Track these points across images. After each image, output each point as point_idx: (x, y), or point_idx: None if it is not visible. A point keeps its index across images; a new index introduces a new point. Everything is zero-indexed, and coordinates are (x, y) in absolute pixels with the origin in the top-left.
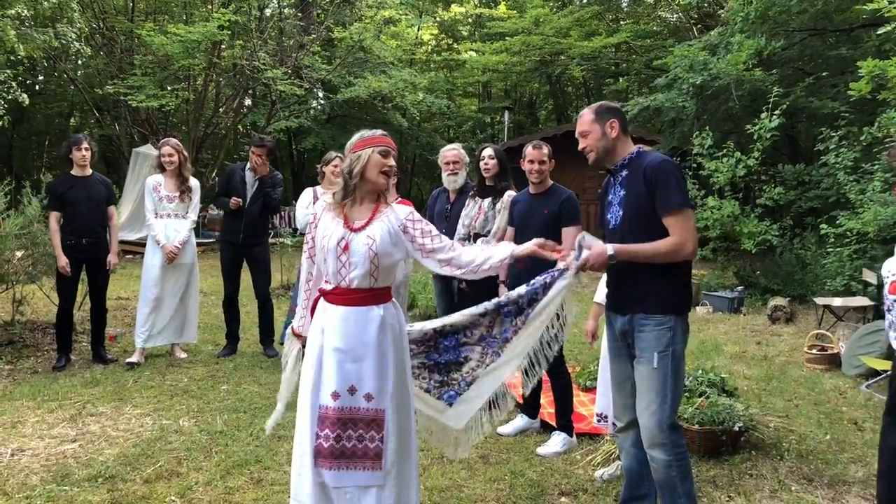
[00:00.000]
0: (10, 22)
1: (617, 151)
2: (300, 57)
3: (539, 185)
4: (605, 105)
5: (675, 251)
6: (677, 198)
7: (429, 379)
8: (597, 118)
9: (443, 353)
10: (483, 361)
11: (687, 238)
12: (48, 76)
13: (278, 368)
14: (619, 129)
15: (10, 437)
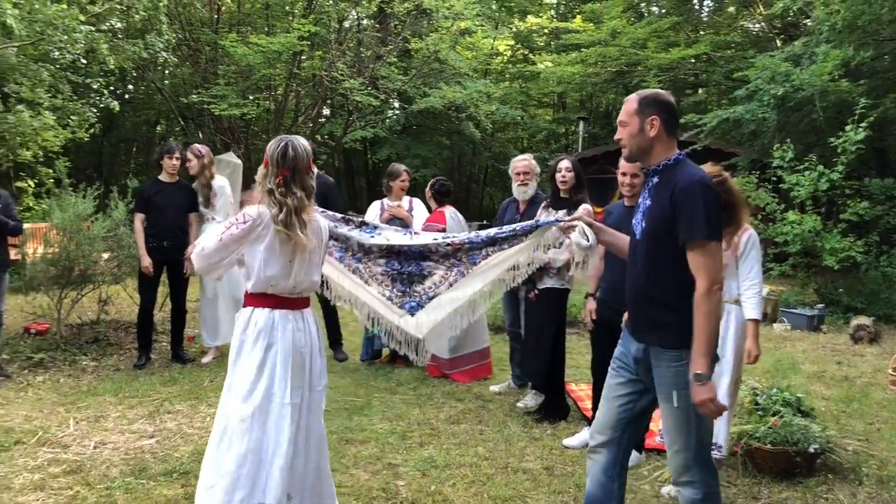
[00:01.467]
0: (102, 36)
1: (654, 152)
2: (377, 68)
3: (633, 197)
4: (653, 96)
5: (706, 296)
6: (702, 229)
7: (391, 287)
8: (639, 110)
9: (404, 264)
10: (446, 278)
11: (714, 278)
12: (137, 86)
13: (348, 372)
14: (660, 127)
15: (93, 430)
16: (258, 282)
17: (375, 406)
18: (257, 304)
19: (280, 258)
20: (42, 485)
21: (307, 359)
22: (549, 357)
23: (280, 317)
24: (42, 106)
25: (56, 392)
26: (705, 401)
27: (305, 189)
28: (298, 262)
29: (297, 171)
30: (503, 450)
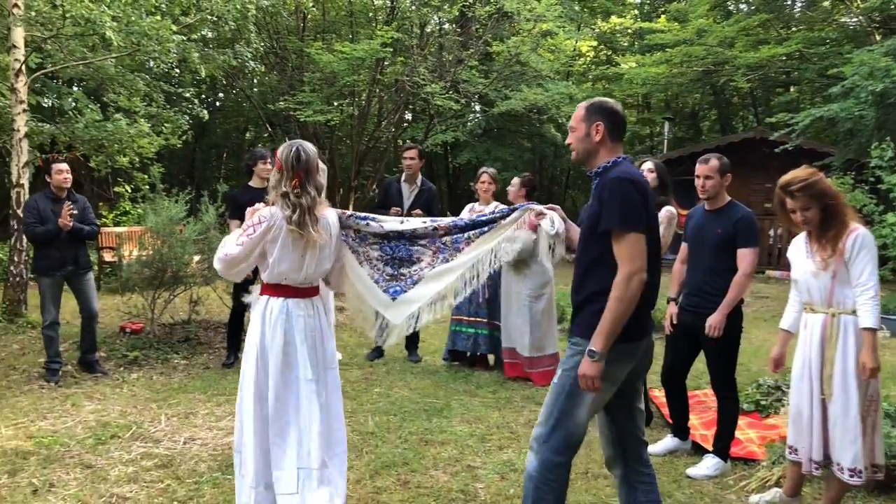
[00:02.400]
0: (194, 45)
1: (599, 156)
2: (458, 71)
3: (712, 201)
4: (599, 104)
5: (623, 282)
6: (615, 219)
7: (381, 271)
8: (586, 116)
9: (396, 248)
10: (432, 264)
11: (631, 267)
12: (227, 94)
13: (428, 374)
14: (604, 132)
15: (183, 426)
16: (272, 275)
17: (455, 408)
18: (273, 293)
19: (293, 254)
20: (135, 477)
21: (317, 341)
22: None
23: (293, 304)
24: (138, 114)
25: (149, 389)
26: (587, 375)
27: (318, 188)
28: (310, 256)
29: (309, 173)
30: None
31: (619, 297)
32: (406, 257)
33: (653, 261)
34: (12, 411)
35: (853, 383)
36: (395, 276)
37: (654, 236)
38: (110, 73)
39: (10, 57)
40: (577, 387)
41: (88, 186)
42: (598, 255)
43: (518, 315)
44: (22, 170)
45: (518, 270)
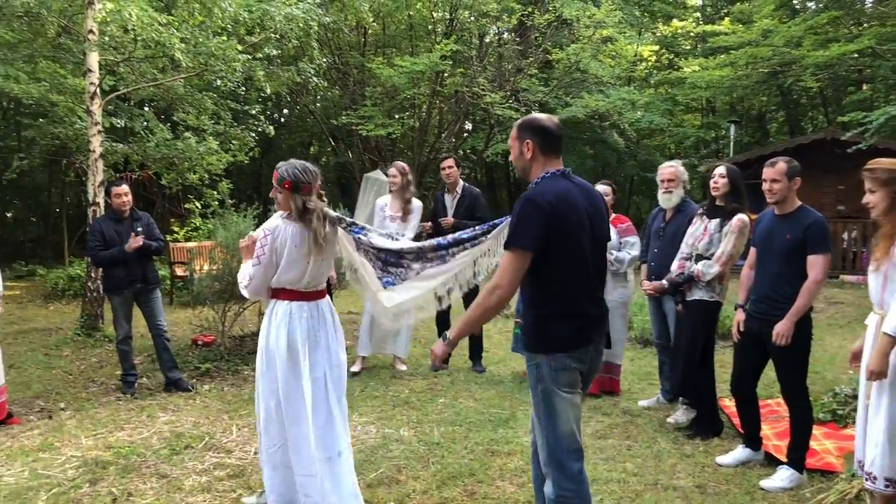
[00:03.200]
0: (259, 64)
1: (533, 171)
2: (518, 80)
3: (781, 205)
4: (528, 122)
5: (488, 293)
6: (508, 236)
7: (374, 262)
8: (518, 135)
9: (385, 256)
10: (420, 270)
11: (496, 281)
12: (290, 109)
13: (492, 384)
14: (535, 149)
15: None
16: (278, 281)
17: (520, 419)
18: (279, 297)
19: (298, 262)
20: (208, 487)
21: (322, 340)
22: (700, 371)
23: (296, 307)
24: (206, 132)
25: (220, 400)
26: (435, 353)
27: (321, 198)
28: (313, 262)
29: (314, 185)
30: (652, 466)
31: (479, 303)
32: (395, 261)
33: (583, 264)
34: (92, 422)
35: (888, 389)
36: (386, 270)
37: (575, 245)
38: (179, 93)
39: (86, 81)
40: (549, 401)
41: (160, 203)
42: (527, 272)
43: (613, 325)
44: (98, 189)
45: (617, 280)
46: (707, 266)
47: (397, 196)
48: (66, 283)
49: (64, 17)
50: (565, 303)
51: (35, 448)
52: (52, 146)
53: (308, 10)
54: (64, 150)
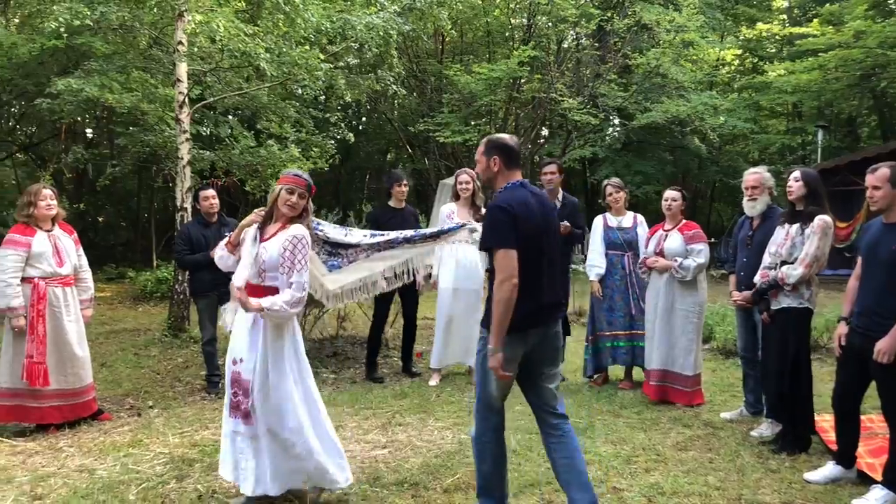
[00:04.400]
0: (340, 72)
1: (498, 181)
2: (596, 86)
3: (887, 213)
4: (495, 141)
5: (497, 286)
6: (488, 240)
7: (322, 248)
8: (485, 151)
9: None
10: (368, 255)
11: (503, 275)
12: (369, 117)
13: (570, 393)
14: (500, 164)
15: None
16: None
17: (598, 428)
18: None
19: None
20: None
21: None
22: (788, 384)
23: None
24: (288, 140)
25: None
26: (492, 367)
27: None
28: None
29: None
30: (736, 480)
31: (498, 299)
32: (343, 245)
33: (539, 259)
34: (178, 420)
35: None
36: (333, 253)
37: (533, 245)
38: (263, 102)
39: (175, 90)
40: (485, 370)
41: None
42: (491, 266)
43: (684, 334)
44: (186, 194)
45: (686, 287)
46: (791, 268)
47: (466, 202)
48: (154, 286)
49: (155, 30)
50: (529, 288)
51: (126, 444)
52: (142, 153)
53: (388, 20)
54: (153, 157)
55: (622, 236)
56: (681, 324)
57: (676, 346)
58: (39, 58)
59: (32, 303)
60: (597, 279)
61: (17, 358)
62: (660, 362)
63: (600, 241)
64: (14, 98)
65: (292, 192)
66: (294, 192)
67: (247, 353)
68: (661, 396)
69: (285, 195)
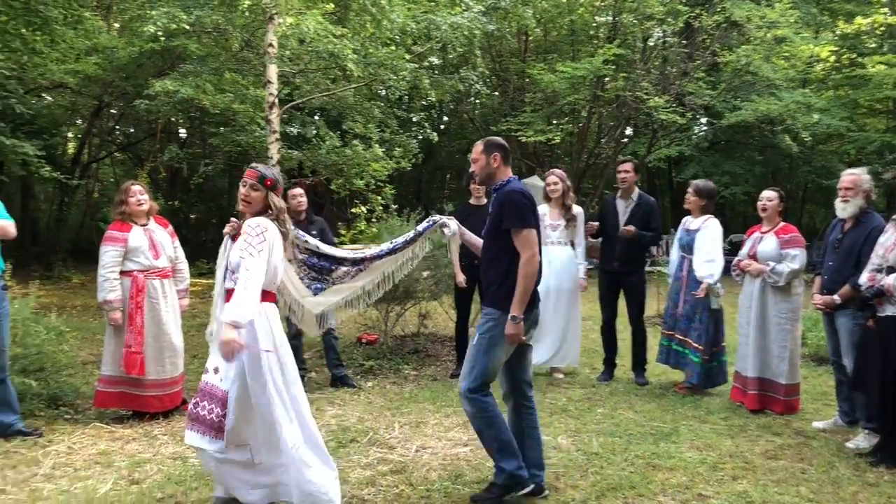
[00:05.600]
0: (424, 72)
1: (497, 177)
2: (683, 84)
3: None
4: (493, 141)
5: (526, 263)
6: (513, 220)
7: (307, 272)
8: (485, 150)
9: (320, 261)
10: (349, 273)
11: (530, 252)
12: (451, 116)
13: (654, 397)
14: (500, 160)
15: (414, 434)
16: (269, 280)
17: (683, 433)
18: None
19: (280, 261)
20: (373, 481)
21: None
22: (891, 394)
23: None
24: (372, 139)
25: (383, 397)
26: (513, 334)
27: None
28: (283, 262)
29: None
30: (830, 493)
31: (525, 273)
32: (327, 268)
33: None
34: None
35: None
36: (317, 278)
37: (537, 231)
38: (349, 103)
39: (265, 91)
40: (492, 345)
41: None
42: (499, 249)
43: (777, 340)
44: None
45: (780, 292)
46: None
47: (556, 204)
48: None
49: (246, 32)
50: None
51: None
52: (233, 153)
53: (472, 19)
54: (244, 157)
55: (686, 238)
56: (774, 330)
57: (770, 352)
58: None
59: (132, 295)
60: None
61: (118, 348)
62: (755, 370)
63: (676, 241)
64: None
65: (244, 183)
66: (245, 183)
67: (223, 363)
68: (760, 405)
69: (239, 187)
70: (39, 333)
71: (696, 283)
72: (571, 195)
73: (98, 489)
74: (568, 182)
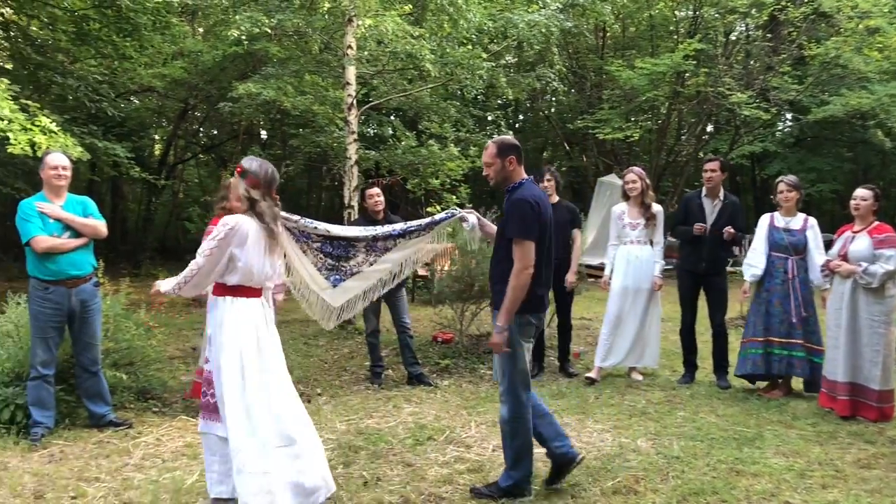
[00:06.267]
0: (501, 71)
1: (512, 178)
2: (768, 78)
3: None
4: (507, 143)
5: (517, 274)
6: (514, 230)
7: (323, 261)
8: (499, 153)
9: (335, 248)
10: (367, 259)
11: (523, 265)
12: (526, 115)
13: (737, 401)
14: (515, 162)
15: (491, 433)
16: (240, 277)
17: (768, 439)
18: (236, 294)
19: (260, 257)
20: (450, 479)
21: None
22: None
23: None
24: (448, 139)
25: (459, 396)
26: (495, 343)
27: (274, 199)
28: (270, 259)
29: (272, 186)
30: None
31: (515, 285)
32: (343, 255)
33: (546, 251)
34: (344, 408)
35: None
36: (335, 267)
37: (544, 236)
38: (426, 102)
39: (344, 93)
40: (513, 346)
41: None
42: (504, 254)
43: (869, 344)
44: (353, 192)
45: (873, 294)
46: None
47: (635, 202)
48: None
49: (326, 35)
50: (535, 277)
51: None
52: (313, 153)
53: (550, 17)
54: (323, 157)
55: (788, 238)
56: (866, 333)
57: (862, 356)
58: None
59: None
60: (752, 280)
61: None
62: (846, 375)
63: (763, 241)
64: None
65: None
66: None
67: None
68: (851, 411)
69: None
70: (129, 329)
71: (804, 286)
72: (651, 193)
73: (185, 480)
74: (647, 180)
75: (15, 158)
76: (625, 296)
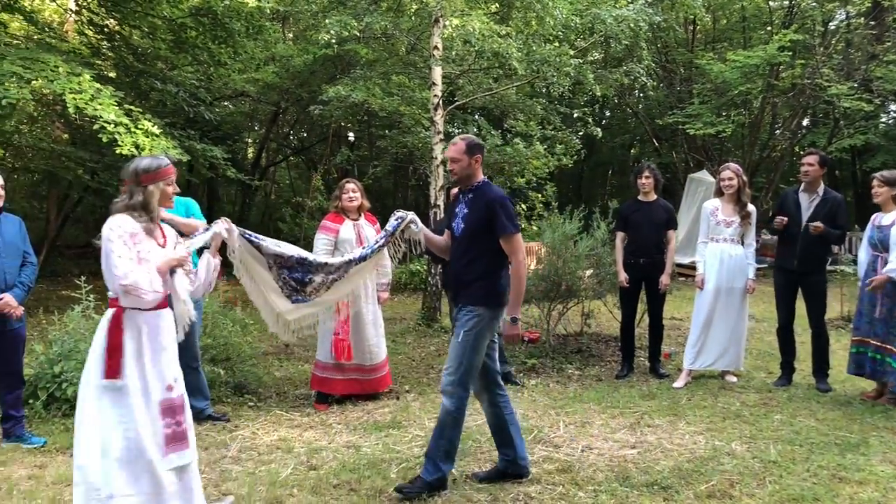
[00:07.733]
0: (589, 67)
1: (475, 177)
2: (871, 69)
3: None
4: (475, 142)
5: (518, 268)
6: (510, 226)
7: (287, 282)
8: (468, 151)
9: (293, 272)
10: (324, 283)
11: (522, 256)
12: (613, 111)
13: (838, 405)
14: (479, 161)
15: (580, 434)
16: None
17: (873, 445)
18: None
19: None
20: (538, 479)
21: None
22: None
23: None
24: (534, 137)
25: (547, 396)
26: (513, 335)
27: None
28: None
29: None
30: None
31: (521, 275)
32: (300, 279)
33: None
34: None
35: None
36: (297, 290)
37: None
38: (512, 101)
39: (430, 93)
40: (477, 342)
41: None
42: (482, 249)
43: None
44: (438, 192)
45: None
46: None
47: (730, 199)
48: (407, 278)
49: (412, 36)
50: (507, 272)
51: (386, 424)
52: (400, 154)
53: (639, 11)
54: (409, 157)
55: (877, 235)
56: None
57: None
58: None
59: None
60: (861, 277)
61: (326, 335)
62: None
63: (866, 239)
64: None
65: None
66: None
67: None
68: None
69: None
70: (226, 326)
71: (891, 285)
72: (747, 191)
73: (280, 473)
74: (744, 177)
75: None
76: (717, 296)
